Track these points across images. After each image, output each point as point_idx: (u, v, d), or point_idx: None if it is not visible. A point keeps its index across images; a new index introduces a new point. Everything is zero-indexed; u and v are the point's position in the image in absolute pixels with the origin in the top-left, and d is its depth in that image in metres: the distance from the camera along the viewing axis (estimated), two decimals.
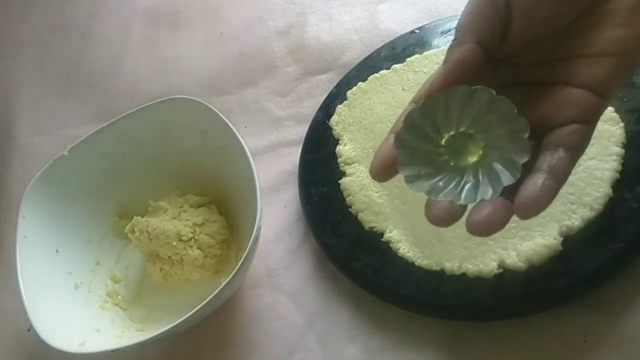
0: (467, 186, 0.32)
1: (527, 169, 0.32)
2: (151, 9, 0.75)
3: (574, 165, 0.33)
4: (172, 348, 0.51)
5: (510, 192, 0.31)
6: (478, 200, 0.32)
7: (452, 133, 0.32)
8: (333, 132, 0.57)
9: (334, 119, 0.57)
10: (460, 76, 0.32)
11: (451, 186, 0.32)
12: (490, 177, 0.32)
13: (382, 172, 0.34)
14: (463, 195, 0.32)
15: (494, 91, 0.32)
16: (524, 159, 0.31)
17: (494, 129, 0.32)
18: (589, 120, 0.33)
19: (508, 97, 0.32)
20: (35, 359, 0.53)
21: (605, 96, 0.33)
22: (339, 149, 0.55)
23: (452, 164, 0.32)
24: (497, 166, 0.32)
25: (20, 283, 0.49)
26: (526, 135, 0.31)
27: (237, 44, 0.69)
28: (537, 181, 0.31)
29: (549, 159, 0.32)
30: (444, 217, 0.33)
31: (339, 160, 0.55)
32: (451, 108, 0.32)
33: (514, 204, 0.31)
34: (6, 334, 0.56)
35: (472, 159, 0.32)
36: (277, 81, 0.66)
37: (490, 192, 0.31)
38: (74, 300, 0.53)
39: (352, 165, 0.54)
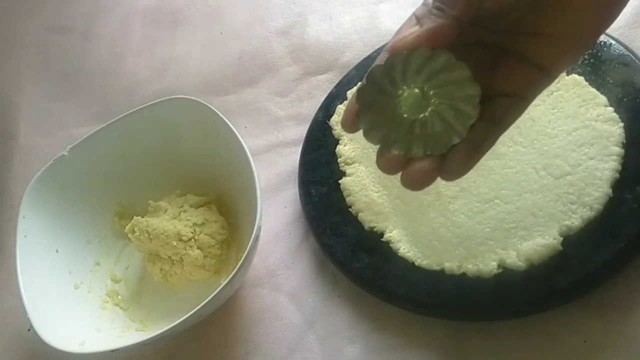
0: (417, 141, 0.34)
1: None
2: (151, 8, 0.76)
3: (499, 136, 0.35)
4: (172, 348, 0.51)
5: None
6: (427, 154, 0.34)
7: (406, 87, 0.34)
8: (333, 132, 0.57)
9: (334, 119, 0.57)
10: (429, 44, 0.33)
11: (403, 139, 0.34)
12: (440, 132, 0.34)
13: (350, 123, 0.36)
14: (413, 149, 0.34)
15: (453, 55, 0.33)
16: (472, 121, 0.33)
17: (447, 89, 0.34)
18: (526, 96, 0.35)
19: (469, 55, 0.34)
20: (35, 359, 0.53)
21: (551, 75, 0.35)
22: (339, 149, 0.55)
23: (405, 115, 0.34)
24: (448, 122, 0.34)
25: (20, 283, 0.49)
26: (477, 99, 0.33)
27: (237, 44, 0.69)
28: (459, 149, 0.34)
29: (476, 130, 0.34)
30: (391, 166, 0.35)
31: (339, 160, 0.55)
32: (410, 65, 0.34)
33: (442, 166, 0.34)
34: (6, 334, 0.56)
35: (425, 113, 0.34)
36: (277, 81, 0.66)
37: (437, 148, 0.34)
38: (74, 300, 0.53)
39: (352, 165, 0.54)
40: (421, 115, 0.34)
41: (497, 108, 0.34)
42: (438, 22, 0.33)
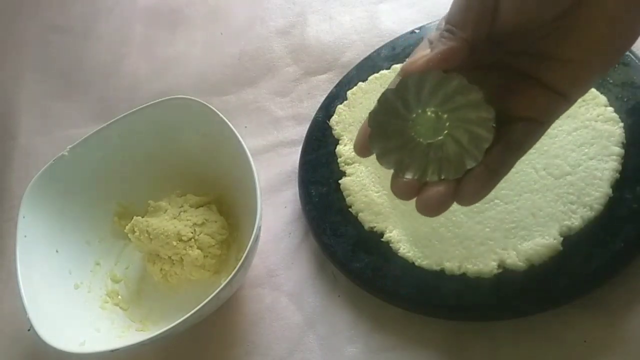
0: (431, 165, 0.34)
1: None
2: (151, 8, 0.76)
3: (517, 160, 0.35)
4: (172, 348, 0.51)
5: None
6: (442, 178, 0.34)
7: (420, 111, 0.34)
8: (333, 132, 0.57)
9: (334, 119, 0.57)
10: (441, 67, 0.33)
11: (417, 164, 0.34)
12: (455, 156, 0.34)
13: (363, 147, 0.36)
14: (427, 173, 0.34)
15: (465, 78, 0.33)
16: (487, 144, 0.33)
17: (461, 112, 0.33)
18: (544, 121, 0.35)
19: (485, 78, 0.34)
20: (35, 359, 0.53)
21: (568, 100, 0.34)
22: (339, 149, 0.55)
23: (419, 140, 0.34)
24: (463, 146, 0.33)
25: (20, 283, 0.49)
26: (491, 123, 0.33)
27: (237, 44, 0.69)
28: (475, 173, 0.33)
29: (493, 153, 0.33)
30: (406, 191, 0.35)
31: (339, 160, 0.55)
32: (423, 88, 0.33)
33: (458, 191, 0.34)
34: (6, 334, 0.56)
35: (439, 137, 0.34)
36: (277, 81, 0.66)
37: (452, 172, 0.34)
38: (74, 300, 0.53)
39: (352, 165, 0.54)
40: (436, 139, 0.34)
41: (515, 133, 0.34)
42: (448, 44, 0.33)
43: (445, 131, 0.34)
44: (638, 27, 0.33)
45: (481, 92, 0.33)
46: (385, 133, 0.35)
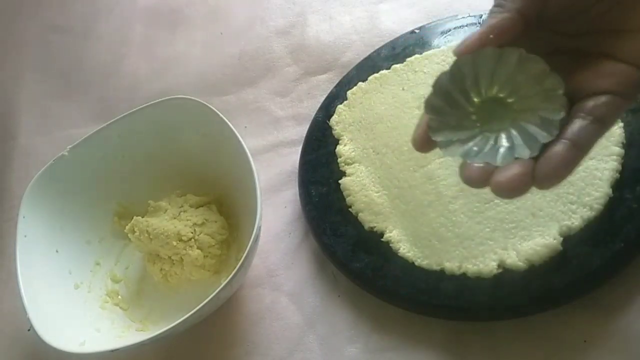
0: (502, 148, 0.31)
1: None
2: (151, 8, 0.76)
3: (599, 137, 0.31)
4: (172, 348, 0.51)
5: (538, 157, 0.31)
6: (515, 157, 0.31)
7: (482, 99, 0.32)
8: (333, 132, 0.57)
9: (334, 119, 0.57)
10: (495, 42, 0.32)
11: (486, 149, 0.32)
12: (525, 137, 0.31)
13: (422, 141, 0.34)
14: (499, 157, 0.31)
15: (523, 50, 0.31)
16: (560, 116, 0.31)
17: (525, 89, 0.31)
18: (626, 93, 0.32)
19: (548, 62, 0.31)
20: (35, 359, 0.53)
21: None
22: (339, 149, 0.55)
23: (483, 128, 0.32)
24: (531, 127, 0.31)
25: (20, 283, 0.49)
26: (561, 92, 0.31)
27: (237, 44, 0.69)
28: (557, 150, 0.30)
29: (574, 128, 0.31)
30: (479, 177, 0.32)
31: (339, 160, 0.55)
32: (480, 72, 0.31)
33: (534, 172, 0.31)
34: (6, 334, 0.56)
35: (503, 123, 0.32)
36: (277, 81, 0.66)
37: (527, 151, 0.31)
38: (74, 300, 0.53)
39: (352, 165, 0.54)
40: (501, 124, 0.32)
41: (598, 106, 0.31)
42: (499, 17, 0.32)
43: (512, 115, 0.32)
44: None
45: (543, 62, 0.31)
46: (447, 123, 0.32)
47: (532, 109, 0.31)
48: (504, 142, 0.32)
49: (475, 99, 0.32)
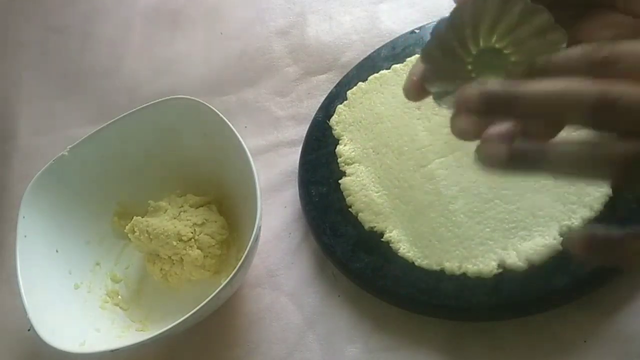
0: None
1: None
2: (151, 9, 0.75)
3: None
4: (172, 348, 0.51)
5: None
6: None
7: (479, 49, 0.31)
8: (333, 132, 0.57)
9: (334, 119, 0.57)
10: None
11: None
12: None
13: (414, 90, 0.33)
14: None
15: (529, 0, 0.30)
16: None
17: (526, 41, 0.30)
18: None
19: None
20: (35, 359, 0.53)
21: None
22: (339, 149, 0.55)
23: (479, 79, 0.31)
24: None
25: (20, 283, 0.49)
26: (563, 46, 0.30)
27: (237, 44, 0.69)
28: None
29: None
30: (469, 130, 0.30)
31: (339, 160, 0.55)
32: (480, 20, 0.31)
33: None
34: (6, 334, 0.56)
35: (499, 75, 0.31)
36: (277, 81, 0.66)
37: None
38: (74, 300, 0.53)
39: (352, 165, 0.54)
40: (497, 76, 0.31)
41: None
42: None
43: (509, 67, 0.31)
44: None
45: (548, 13, 0.30)
46: (443, 73, 0.32)
47: (530, 62, 0.30)
48: None
49: (473, 49, 0.31)
